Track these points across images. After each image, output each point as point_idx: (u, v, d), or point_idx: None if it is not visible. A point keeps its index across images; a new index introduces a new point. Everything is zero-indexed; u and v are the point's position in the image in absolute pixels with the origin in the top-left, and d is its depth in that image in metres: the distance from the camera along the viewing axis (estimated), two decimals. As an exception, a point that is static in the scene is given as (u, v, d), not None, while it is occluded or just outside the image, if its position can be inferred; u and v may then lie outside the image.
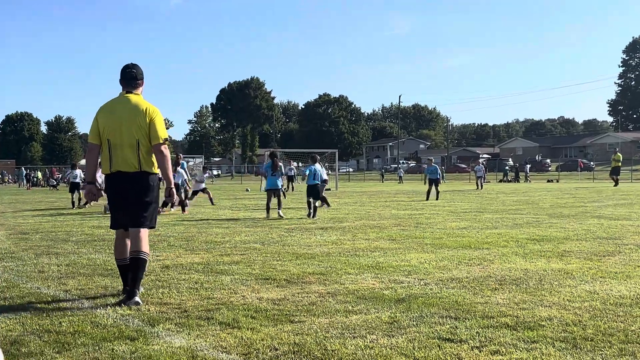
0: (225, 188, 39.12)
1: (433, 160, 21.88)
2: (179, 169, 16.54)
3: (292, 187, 29.70)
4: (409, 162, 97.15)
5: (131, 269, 4.86)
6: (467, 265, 6.52)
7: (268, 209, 13.51)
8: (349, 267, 6.46)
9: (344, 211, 15.43)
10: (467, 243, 8.38)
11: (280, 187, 13.74)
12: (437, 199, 20.33)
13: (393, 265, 6.52)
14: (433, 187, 20.90)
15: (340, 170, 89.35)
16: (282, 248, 8.08)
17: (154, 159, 4.98)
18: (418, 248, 7.97)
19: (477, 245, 8.13)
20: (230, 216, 14.07)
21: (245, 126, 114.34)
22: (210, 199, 18.88)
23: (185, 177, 16.53)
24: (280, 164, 14.17)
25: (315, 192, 13.94)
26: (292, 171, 30.38)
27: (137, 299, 4.76)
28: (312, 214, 13.54)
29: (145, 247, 4.87)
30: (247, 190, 32.69)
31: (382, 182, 57.29)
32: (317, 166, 14.30)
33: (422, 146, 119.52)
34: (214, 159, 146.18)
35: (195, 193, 18.08)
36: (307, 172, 14.28)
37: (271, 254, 7.47)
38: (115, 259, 5.12)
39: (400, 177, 53.63)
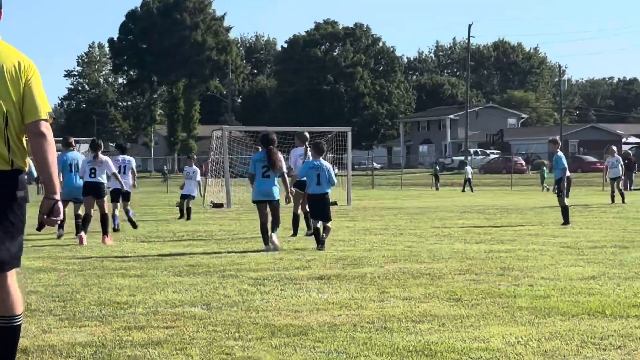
0: (137, 198, 38.96)
1: (559, 145, 21.21)
2: (102, 158, 16.64)
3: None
4: (489, 150, 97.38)
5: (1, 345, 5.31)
6: (599, 349, 6.53)
7: (266, 236, 14.59)
8: (374, 351, 6.48)
9: (362, 245, 15.44)
10: (599, 306, 8.39)
11: (277, 197, 14.70)
12: (565, 222, 20.25)
13: (456, 349, 6.53)
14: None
15: (356, 167, 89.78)
16: (244, 315, 8.11)
17: (24, 147, 5.18)
18: (504, 316, 7.98)
19: (617, 311, 8.15)
20: (147, 252, 14.11)
21: (175, 82, 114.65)
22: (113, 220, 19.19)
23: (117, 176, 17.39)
24: (280, 156, 14.84)
25: (323, 206, 14.74)
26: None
27: None
28: (320, 244, 14.43)
29: (20, 306, 5.33)
30: (177, 204, 32.85)
31: (437, 188, 57.46)
32: (324, 162, 15.10)
33: (512, 120, 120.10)
34: (114, 144, 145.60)
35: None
36: (306, 171, 15.03)
37: (224, 327, 7.49)
38: None
39: (469, 180, 53.15)
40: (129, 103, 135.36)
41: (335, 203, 30.25)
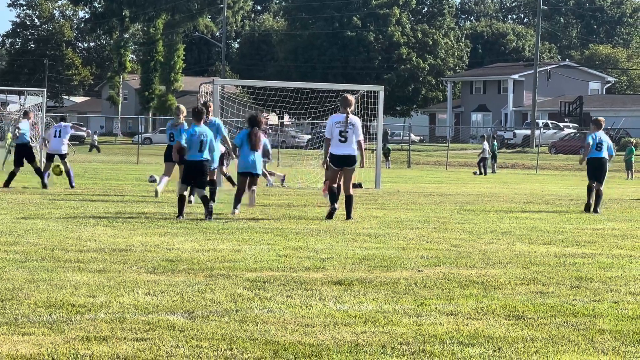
0: (100, 170, 38.93)
1: (601, 128, 23.53)
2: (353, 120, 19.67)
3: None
4: (563, 124, 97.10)
5: None
6: None
7: (237, 201, 19.77)
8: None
9: (394, 242, 15.47)
10: None
11: (260, 170, 20.45)
12: (597, 209, 22.66)
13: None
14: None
15: (389, 140, 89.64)
16: (238, 328, 8.16)
17: None
18: (580, 341, 7.99)
19: None
20: (111, 241, 14.15)
21: (153, 19, 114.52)
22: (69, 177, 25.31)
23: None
24: (264, 137, 19.51)
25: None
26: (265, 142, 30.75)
27: None
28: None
29: None
30: (152, 179, 32.98)
31: (493, 170, 57.40)
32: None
33: (594, 85, 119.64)
34: (72, 98, 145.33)
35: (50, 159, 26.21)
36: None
37: (212, 342, 7.55)
38: None
39: (484, 159, 54.59)
40: (92, 44, 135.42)
41: (359, 185, 30.19)
